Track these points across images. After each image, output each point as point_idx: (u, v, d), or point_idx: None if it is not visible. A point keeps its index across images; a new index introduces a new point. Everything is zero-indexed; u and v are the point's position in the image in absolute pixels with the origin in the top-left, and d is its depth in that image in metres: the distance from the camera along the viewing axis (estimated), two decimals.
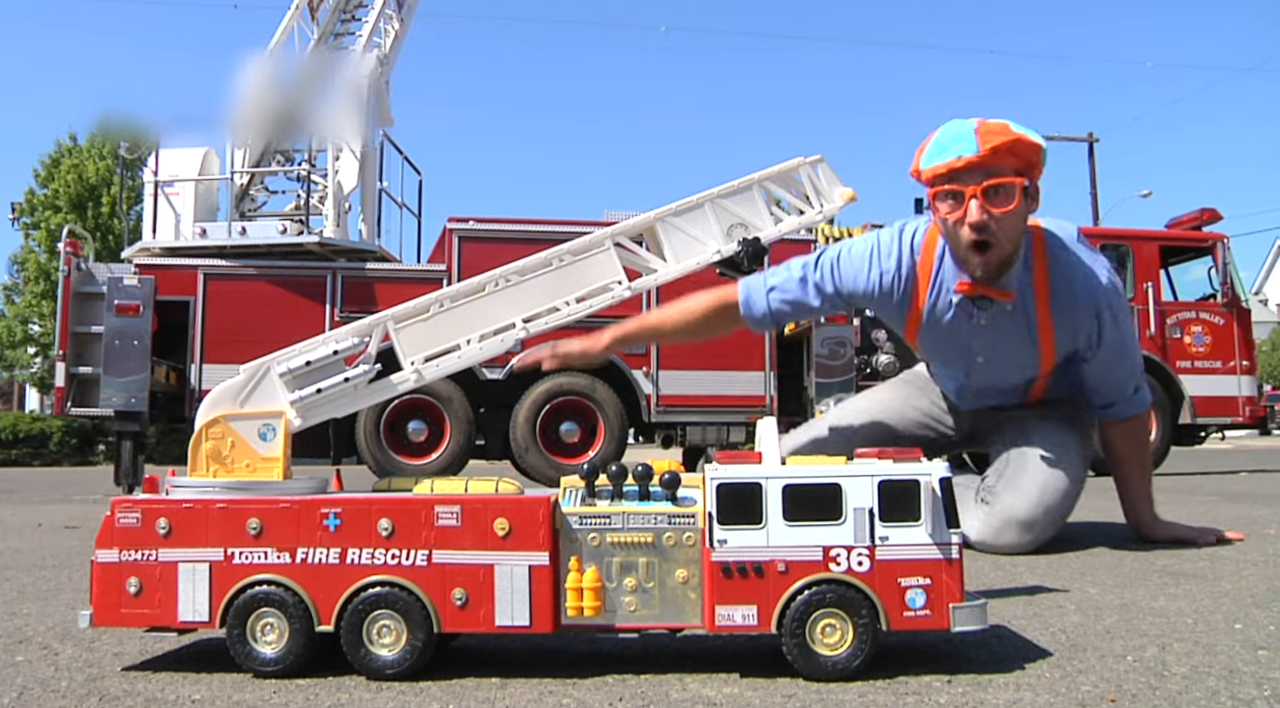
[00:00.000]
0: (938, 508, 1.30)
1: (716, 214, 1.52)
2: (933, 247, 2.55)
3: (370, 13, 8.96)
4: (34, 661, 1.51)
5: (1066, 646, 1.51)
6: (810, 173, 1.58)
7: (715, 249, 1.51)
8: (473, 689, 1.29)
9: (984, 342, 2.60)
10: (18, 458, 20.18)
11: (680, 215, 1.53)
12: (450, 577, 1.34)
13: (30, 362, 26.87)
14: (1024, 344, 2.58)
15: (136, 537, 1.37)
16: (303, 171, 8.35)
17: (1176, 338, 8.86)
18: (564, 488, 1.37)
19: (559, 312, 1.49)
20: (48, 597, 2.20)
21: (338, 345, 1.45)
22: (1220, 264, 9.04)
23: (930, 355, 2.87)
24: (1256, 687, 1.25)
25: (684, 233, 1.52)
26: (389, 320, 1.47)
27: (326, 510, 1.36)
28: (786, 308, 2.58)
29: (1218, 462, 10.59)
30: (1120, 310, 2.56)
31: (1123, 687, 1.26)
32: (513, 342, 1.49)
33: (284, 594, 1.34)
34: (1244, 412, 8.96)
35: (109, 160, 24.35)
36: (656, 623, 1.33)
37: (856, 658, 1.28)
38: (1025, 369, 2.69)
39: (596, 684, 1.31)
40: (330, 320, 7.50)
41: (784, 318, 2.63)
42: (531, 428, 7.76)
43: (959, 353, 2.68)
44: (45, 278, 23.85)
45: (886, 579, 1.29)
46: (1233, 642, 1.51)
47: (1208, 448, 13.67)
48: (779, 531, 1.30)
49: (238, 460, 1.42)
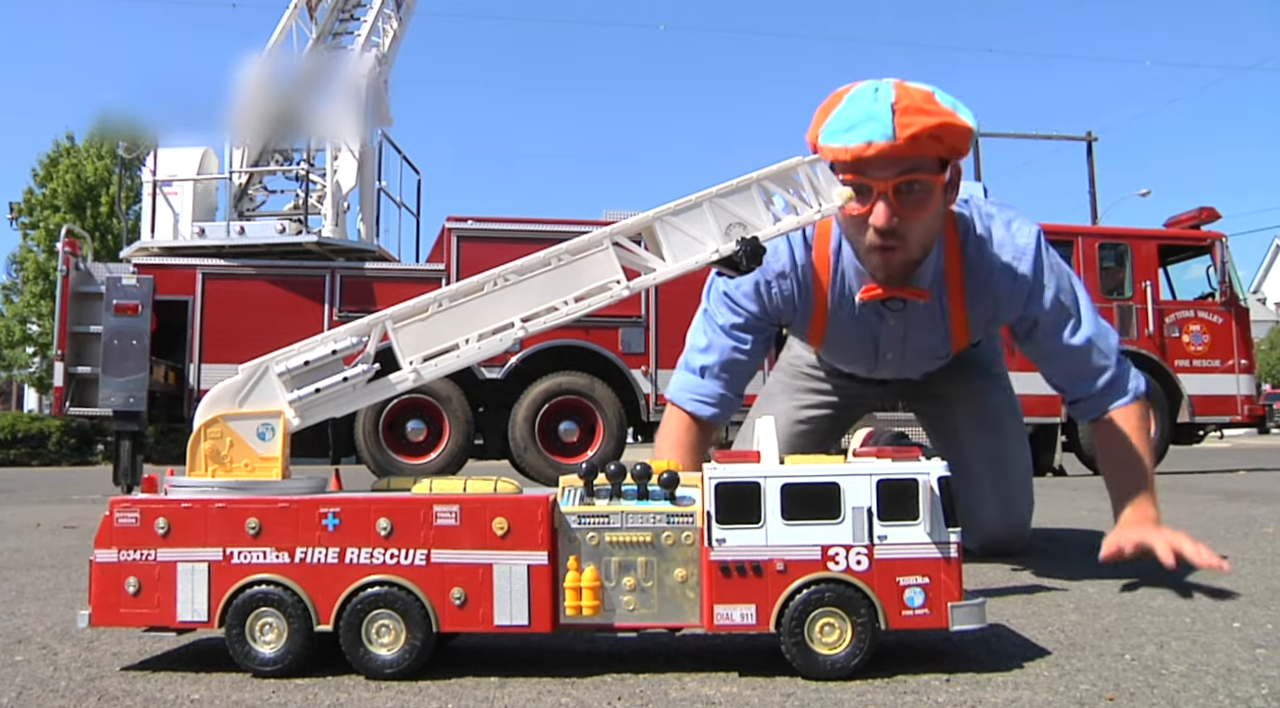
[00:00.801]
0: (936, 507, 1.30)
1: (715, 213, 1.52)
2: (826, 235, 2.18)
3: (369, 12, 8.96)
4: (33, 660, 1.51)
5: (1065, 644, 1.51)
6: (809, 172, 1.57)
7: (714, 248, 1.51)
8: (471, 689, 1.29)
9: (892, 339, 2.30)
10: (16, 458, 20.15)
11: (679, 215, 1.53)
12: (449, 576, 1.34)
13: (29, 361, 26.84)
14: (935, 335, 2.27)
15: (135, 537, 1.37)
16: (301, 171, 8.35)
17: (1175, 337, 8.88)
18: (563, 487, 1.37)
19: (557, 311, 1.49)
20: (46, 597, 2.20)
21: (336, 345, 1.45)
22: (1219, 263, 9.06)
23: (831, 356, 2.53)
24: (1254, 685, 1.26)
25: (682, 232, 1.52)
26: (388, 320, 1.47)
27: (325, 510, 1.36)
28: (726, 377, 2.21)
29: (1216, 460, 10.60)
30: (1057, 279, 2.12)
31: (1121, 685, 1.26)
32: (511, 341, 1.49)
33: (283, 594, 1.34)
34: (1242, 410, 8.99)
35: (107, 160, 24.31)
36: (655, 622, 1.33)
37: (855, 657, 1.29)
38: (936, 359, 2.40)
39: (595, 683, 1.31)
40: (329, 320, 7.51)
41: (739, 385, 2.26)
42: (530, 427, 7.76)
43: (863, 352, 2.38)
44: (44, 277, 23.81)
45: (885, 578, 1.29)
46: (1230, 640, 1.51)
47: (1206, 447, 13.69)
48: (777, 530, 1.30)
49: (236, 460, 1.42)
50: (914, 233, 1.97)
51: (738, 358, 2.23)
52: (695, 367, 2.24)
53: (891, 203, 1.89)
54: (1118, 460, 2.16)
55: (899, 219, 1.91)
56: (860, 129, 1.81)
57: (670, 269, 1.52)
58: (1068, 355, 2.16)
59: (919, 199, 1.91)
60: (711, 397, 2.23)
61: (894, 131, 1.79)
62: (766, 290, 2.19)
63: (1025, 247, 2.11)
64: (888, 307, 2.19)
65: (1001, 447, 2.52)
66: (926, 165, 1.89)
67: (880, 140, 1.80)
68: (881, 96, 1.83)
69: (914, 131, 1.79)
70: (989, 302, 2.17)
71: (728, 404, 2.24)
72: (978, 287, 2.15)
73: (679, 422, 2.26)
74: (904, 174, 1.87)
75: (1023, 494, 2.54)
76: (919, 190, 1.90)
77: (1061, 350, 2.15)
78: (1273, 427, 29.73)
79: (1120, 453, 2.15)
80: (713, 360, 2.22)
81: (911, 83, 1.89)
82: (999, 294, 2.14)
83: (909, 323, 2.24)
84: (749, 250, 1.51)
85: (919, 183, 1.89)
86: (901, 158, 1.84)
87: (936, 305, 2.18)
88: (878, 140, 1.80)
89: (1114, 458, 2.17)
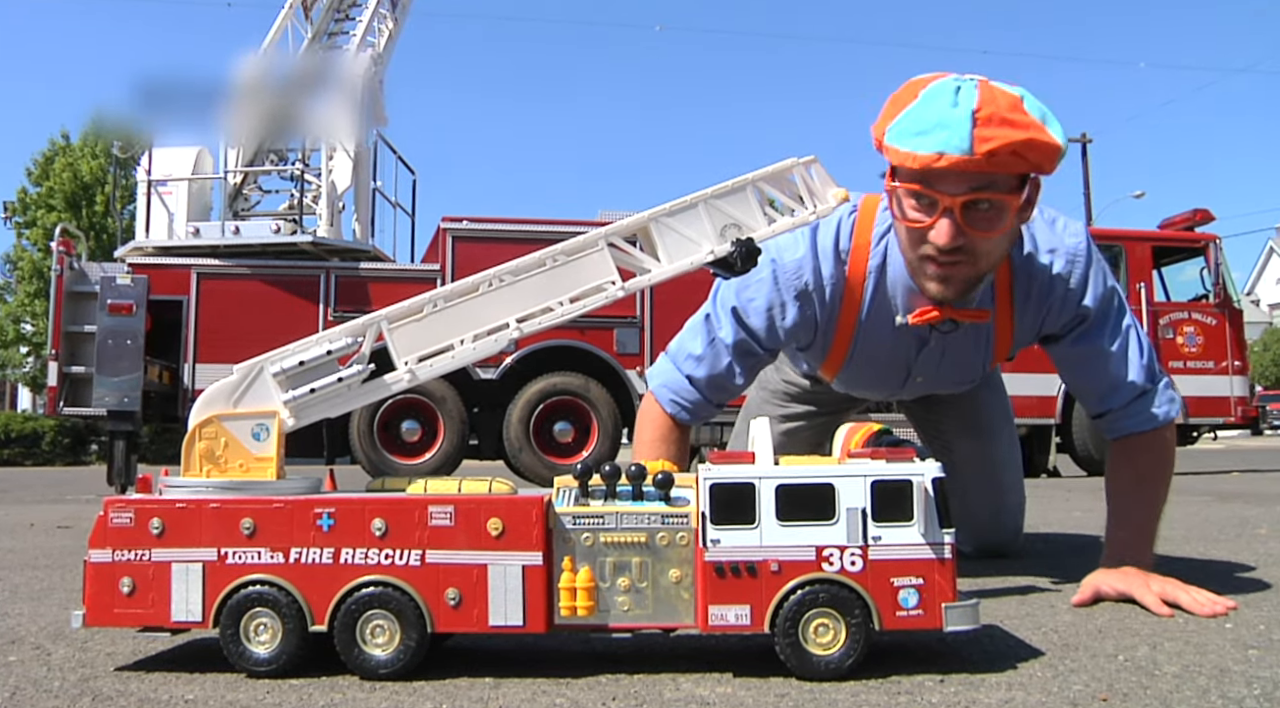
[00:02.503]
0: (930, 508, 1.30)
1: (710, 214, 1.53)
2: (865, 250, 1.95)
3: (364, 12, 8.97)
4: (26, 661, 1.51)
5: (1059, 645, 1.51)
6: (804, 173, 1.57)
7: (709, 249, 1.51)
8: (466, 689, 1.29)
9: (928, 363, 2.08)
10: (10, 458, 20.11)
11: (674, 215, 1.53)
12: (444, 577, 1.34)
13: (23, 361, 26.78)
14: (978, 356, 2.09)
15: (130, 537, 1.37)
16: (296, 171, 8.35)
17: (1169, 338, 8.91)
18: (557, 488, 1.37)
19: (553, 312, 1.49)
20: (40, 597, 2.19)
21: (331, 345, 1.45)
22: (1213, 265, 9.09)
23: (847, 384, 2.28)
24: (1246, 686, 1.26)
25: (678, 233, 1.52)
26: (383, 320, 1.47)
27: (320, 510, 1.36)
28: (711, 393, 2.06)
29: (1210, 462, 10.62)
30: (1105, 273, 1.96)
31: (1114, 686, 1.27)
32: (506, 342, 1.49)
33: (277, 594, 1.34)
34: (1236, 412, 9.02)
35: (102, 159, 24.28)
36: (650, 623, 1.33)
37: (849, 658, 1.29)
38: (968, 382, 2.22)
39: (590, 684, 1.31)
40: (324, 320, 7.51)
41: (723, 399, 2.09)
42: (525, 428, 7.76)
43: (889, 378, 2.16)
44: (38, 277, 23.76)
45: (879, 579, 1.29)
46: (1223, 641, 1.52)
47: (1200, 448, 13.73)
48: (772, 530, 1.30)
49: (231, 460, 1.42)
50: (982, 251, 1.75)
51: (728, 383, 2.06)
52: (684, 371, 2.08)
53: (958, 220, 1.68)
54: (1126, 485, 1.99)
55: (964, 238, 1.71)
56: (934, 136, 1.61)
57: (665, 270, 1.52)
58: (1106, 359, 1.94)
59: (989, 218, 1.70)
60: (692, 403, 2.08)
61: (971, 145, 1.59)
62: (780, 313, 1.97)
63: (1077, 248, 1.92)
64: (938, 329, 1.96)
65: (992, 449, 2.47)
66: (1003, 183, 1.68)
67: (954, 153, 1.60)
68: (963, 99, 1.62)
69: (994, 147, 1.59)
70: (1039, 312, 1.97)
71: (706, 412, 2.11)
72: (1026, 298, 1.95)
73: (660, 417, 2.12)
74: (976, 191, 1.66)
75: (1015, 496, 2.53)
76: (990, 210, 1.69)
77: (1101, 353, 1.94)
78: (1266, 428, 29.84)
79: (1131, 477, 1.98)
80: (702, 374, 2.06)
81: (999, 83, 1.68)
82: (1052, 303, 1.94)
83: (949, 349, 2.05)
84: (744, 252, 1.51)
85: (991, 203, 1.68)
86: (976, 173, 1.64)
87: (985, 324, 1.98)
88: (951, 152, 1.60)
89: (1124, 482, 1.99)
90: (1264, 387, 35.20)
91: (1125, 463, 1.99)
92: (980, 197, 1.67)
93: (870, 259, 1.94)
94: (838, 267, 1.95)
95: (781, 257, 1.94)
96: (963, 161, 1.60)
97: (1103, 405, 1.99)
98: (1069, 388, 2.12)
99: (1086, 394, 2.03)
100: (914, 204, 1.74)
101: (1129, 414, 1.96)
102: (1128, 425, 1.97)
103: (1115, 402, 1.97)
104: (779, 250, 1.93)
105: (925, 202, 1.72)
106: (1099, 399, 1.99)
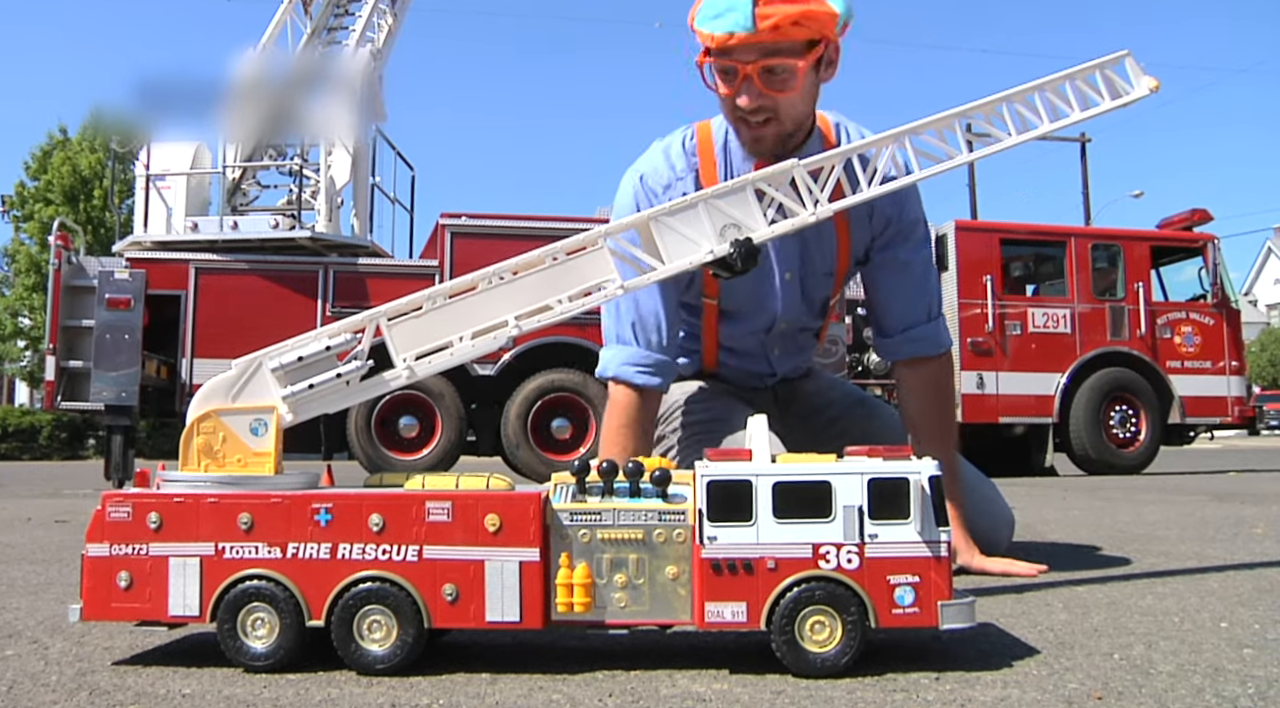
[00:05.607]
0: (927, 506, 1.30)
1: (710, 214, 1.53)
2: (709, 136, 2.23)
3: (363, 7, 8.96)
4: (24, 655, 1.51)
5: (1054, 643, 1.51)
6: (802, 174, 1.58)
7: (708, 249, 1.51)
8: (463, 685, 1.29)
9: (789, 250, 2.26)
10: (7, 452, 20.12)
11: (674, 215, 1.53)
12: (441, 572, 1.34)
13: (20, 355, 26.76)
14: (826, 246, 2.26)
15: (127, 531, 1.37)
16: (295, 166, 8.36)
17: (1166, 338, 8.92)
18: (555, 484, 1.37)
19: (552, 310, 1.49)
20: (38, 591, 2.19)
21: (330, 341, 1.45)
22: (1210, 265, 9.10)
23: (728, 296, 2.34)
24: (1241, 684, 1.26)
25: (677, 232, 1.52)
26: (381, 317, 1.47)
27: (317, 506, 1.36)
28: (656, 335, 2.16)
29: (1206, 461, 10.65)
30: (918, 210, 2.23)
31: (1109, 684, 1.27)
32: (505, 339, 1.50)
33: (274, 589, 1.34)
34: (1233, 412, 9.04)
35: (101, 153, 24.25)
36: (646, 619, 1.34)
37: (845, 655, 1.29)
38: (826, 279, 2.33)
39: (586, 680, 1.31)
40: (322, 316, 7.50)
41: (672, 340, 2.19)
42: (523, 424, 7.77)
43: (764, 275, 2.28)
44: (36, 271, 23.75)
45: (875, 577, 1.30)
46: (1219, 640, 1.52)
47: (1197, 448, 13.75)
48: (769, 528, 1.30)
49: (229, 455, 1.42)
50: (784, 109, 2.04)
51: (660, 314, 2.17)
52: (624, 338, 2.19)
53: (756, 85, 1.99)
54: (929, 411, 2.29)
55: (764, 98, 2.00)
56: (724, 18, 1.92)
57: (665, 269, 1.52)
58: (915, 272, 2.25)
59: (784, 80, 2.00)
60: (653, 364, 2.17)
61: (754, 23, 1.89)
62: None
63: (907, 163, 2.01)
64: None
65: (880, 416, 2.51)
66: (790, 49, 1.96)
67: (741, 31, 1.90)
68: None
69: (774, 22, 1.89)
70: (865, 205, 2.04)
71: (669, 370, 2.20)
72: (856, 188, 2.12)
73: (627, 399, 2.18)
74: (766, 58, 1.95)
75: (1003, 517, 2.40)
76: (784, 73, 1.98)
77: (912, 264, 2.24)
78: (1263, 428, 29.90)
79: (931, 402, 2.29)
80: (638, 326, 2.17)
81: None
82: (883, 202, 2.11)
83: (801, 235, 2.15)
84: (743, 251, 1.51)
85: (782, 66, 1.97)
86: (764, 44, 1.93)
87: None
88: (739, 31, 1.91)
89: (925, 406, 2.29)
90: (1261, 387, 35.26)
91: (925, 383, 2.29)
92: (772, 62, 1.96)
93: (714, 142, 2.23)
94: (688, 158, 2.22)
95: (641, 171, 2.22)
96: (749, 38, 1.91)
97: (904, 321, 2.28)
98: (871, 306, 2.38)
99: (890, 310, 2.30)
100: (721, 75, 2.04)
101: (924, 336, 2.27)
102: (923, 348, 2.28)
103: (914, 318, 2.27)
104: (637, 171, 2.22)
105: (730, 73, 2.01)
106: (901, 315, 2.29)
